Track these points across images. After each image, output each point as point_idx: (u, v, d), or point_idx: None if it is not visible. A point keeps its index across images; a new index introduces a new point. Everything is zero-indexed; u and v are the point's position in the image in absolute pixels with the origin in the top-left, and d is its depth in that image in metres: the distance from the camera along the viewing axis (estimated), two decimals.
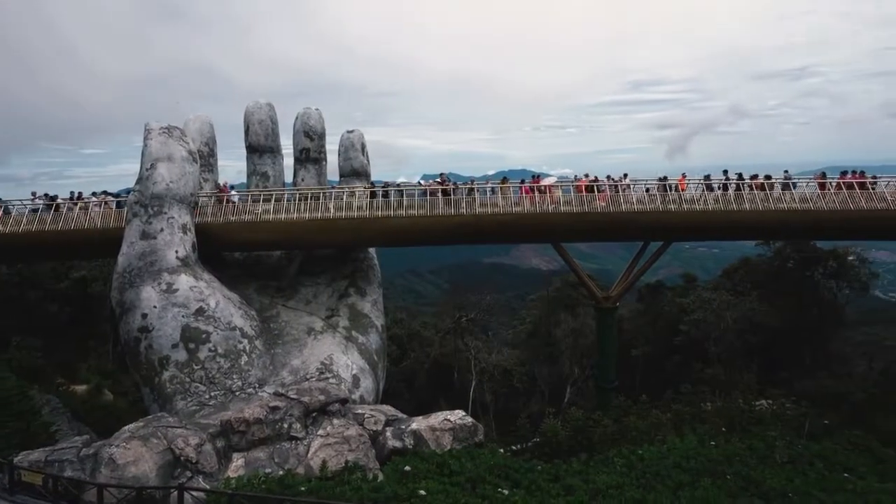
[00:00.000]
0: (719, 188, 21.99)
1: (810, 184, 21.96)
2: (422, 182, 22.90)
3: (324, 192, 20.70)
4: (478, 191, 21.70)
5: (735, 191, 21.66)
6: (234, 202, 20.18)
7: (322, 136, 22.82)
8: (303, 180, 22.45)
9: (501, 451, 14.38)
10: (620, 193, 21.85)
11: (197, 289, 16.56)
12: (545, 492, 11.42)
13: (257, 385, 16.01)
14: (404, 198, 20.97)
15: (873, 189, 21.26)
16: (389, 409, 15.36)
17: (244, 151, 22.79)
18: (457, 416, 14.46)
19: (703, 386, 25.35)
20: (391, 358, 35.48)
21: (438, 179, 22.54)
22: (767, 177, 22.30)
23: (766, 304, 32.98)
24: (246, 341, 16.70)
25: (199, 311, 16.25)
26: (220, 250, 20.63)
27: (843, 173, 22.47)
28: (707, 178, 22.55)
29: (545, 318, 40.10)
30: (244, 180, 23.11)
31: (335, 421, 13.24)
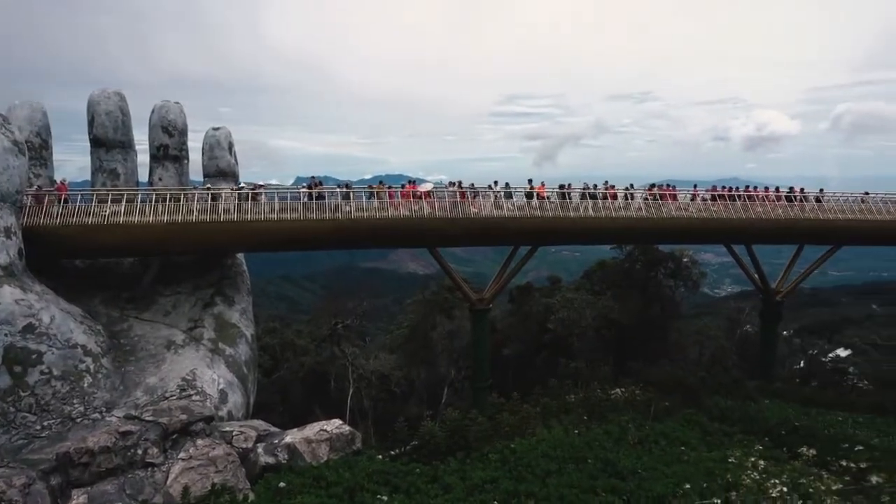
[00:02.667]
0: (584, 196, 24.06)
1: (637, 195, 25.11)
2: (304, 186, 22.12)
3: (185, 193, 19.08)
4: (353, 195, 21.48)
5: (592, 200, 23.88)
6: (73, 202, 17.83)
7: (183, 133, 21.04)
8: (160, 179, 20.51)
9: (380, 457, 14.26)
10: (492, 200, 22.97)
11: (25, 302, 14.30)
12: (424, 493, 11.53)
13: (104, 409, 14.23)
14: (276, 200, 20.11)
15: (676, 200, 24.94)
16: (261, 424, 14.53)
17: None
18: (333, 425, 14.08)
19: (567, 379, 27.34)
20: (263, 369, 33.56)
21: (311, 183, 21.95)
22: (611, 187, 24.95)
23: (619, 302, 36.56)
24: (89, 360, 14.78)
25: (29, 328, 14.04)
26: (58, 258, 18.09)
27: (652, 185, 25.84)
28: (564, 187, 24.58)
29: (422, 322, 40.60)
30: (88, 177, 20.57)
31: (199, 441, 12.19)
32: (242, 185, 21.07)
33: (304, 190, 21.22)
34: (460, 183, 23.54)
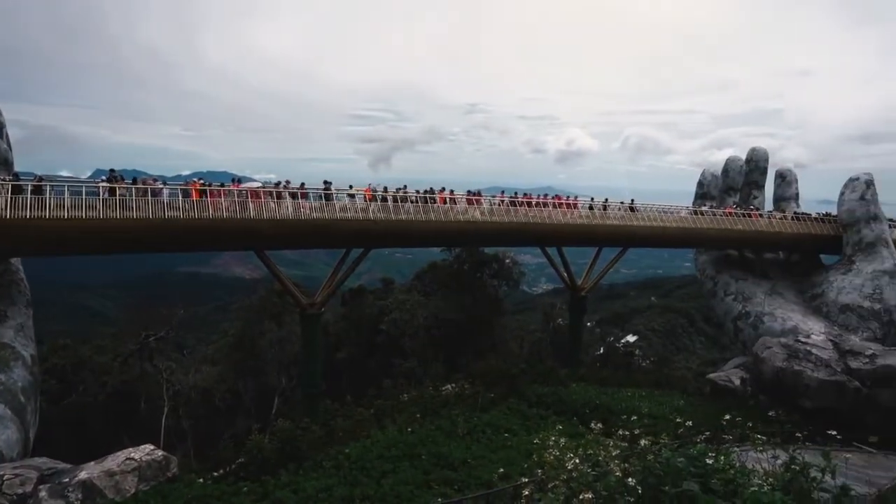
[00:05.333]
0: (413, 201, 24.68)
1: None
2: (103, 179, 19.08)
3: None
4: (168, 192, 19.31)
5: (424, 204, 24.68)
6: None
7: None
8: None
9: (201, 480, 13.01)
10: (325, 202, 22.45)
11: None
12: None
13: None
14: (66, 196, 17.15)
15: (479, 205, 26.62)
16: (45, 462, 12.27)
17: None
18: (143, 451, 12.47)
19: (401, 379, 27.93)
20: (49, 396, 28.51)
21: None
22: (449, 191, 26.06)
23: (449, 302, 38.36)
24: None
25: None
26: None
27: (442, 189, 26.87)
28: (404, 189, 25.07)
29: (249, 329, 38.01)
30: None
31: None
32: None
33: (104, 184, 18.41)
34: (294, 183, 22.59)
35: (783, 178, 33.28)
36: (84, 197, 17.67)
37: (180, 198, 19.24)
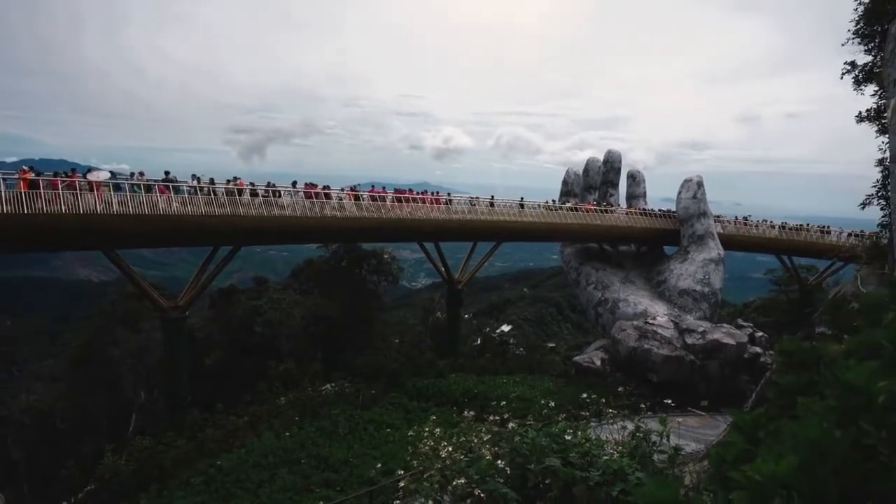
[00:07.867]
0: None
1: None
2: None
3: None
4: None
5: (306, 199, 23.79)
6: None
7: None
8: None
9: None
10: (199, 196, 20.75)
11: None
12: None
13: None
14: None
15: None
16: None
17: None
18: None
19: (277, 382, 26.71)
20: None
21: None
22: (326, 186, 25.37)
23: (327, 299, 37.43)
24: None
25: None
26: None
27: (306, 184, 26.23)
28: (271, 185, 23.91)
29: (99, 339, 33.93)
30: None
31: None
32: None
33: None
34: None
35: (633, 179, 37.14)
36: None
37: (2, 189, 16.56)
